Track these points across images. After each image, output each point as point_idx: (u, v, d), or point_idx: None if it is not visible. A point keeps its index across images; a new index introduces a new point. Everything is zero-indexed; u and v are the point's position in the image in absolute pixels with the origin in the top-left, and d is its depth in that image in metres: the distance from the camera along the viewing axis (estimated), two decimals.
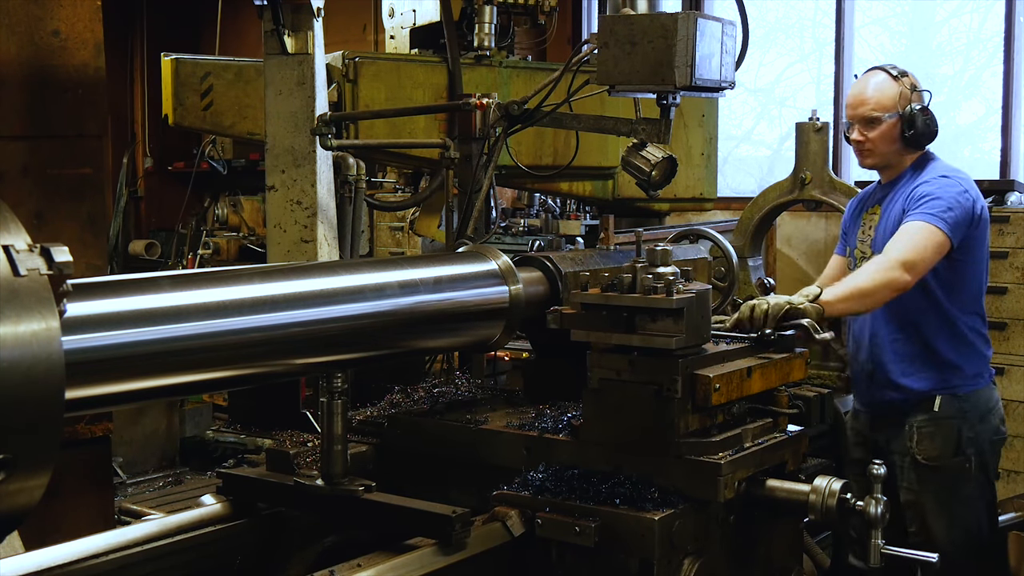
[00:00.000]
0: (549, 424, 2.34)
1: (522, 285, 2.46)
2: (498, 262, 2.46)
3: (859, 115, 3.54)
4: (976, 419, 3.44)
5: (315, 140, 4.34)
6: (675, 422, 2.12)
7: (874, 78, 3.55)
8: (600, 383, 2.19)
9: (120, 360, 1.71)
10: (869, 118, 3.51)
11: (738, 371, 2.22)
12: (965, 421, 3.43)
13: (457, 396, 2.67)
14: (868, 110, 3.51)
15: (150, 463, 6.82)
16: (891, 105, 3.49)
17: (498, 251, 2.51)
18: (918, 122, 3.46)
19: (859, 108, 3.54)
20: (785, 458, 2.33)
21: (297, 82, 4.47)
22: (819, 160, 4.91)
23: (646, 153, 2.98)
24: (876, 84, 3.53)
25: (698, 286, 2.21)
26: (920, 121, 3.46)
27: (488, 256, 2.49)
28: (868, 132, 3.52)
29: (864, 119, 3.52)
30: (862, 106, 3.53)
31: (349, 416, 2.40)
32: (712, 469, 2.10)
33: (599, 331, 2.18)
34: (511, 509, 2.13)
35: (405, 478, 2.43)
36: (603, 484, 2.11)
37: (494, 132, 3.37)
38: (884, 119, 3.49)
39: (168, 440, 6.93)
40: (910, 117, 3.46)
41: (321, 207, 4.48)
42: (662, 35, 2.67)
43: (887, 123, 3.49)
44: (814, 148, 4.91)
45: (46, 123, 3.48)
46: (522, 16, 5.80)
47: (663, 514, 2.03)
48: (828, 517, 2.18)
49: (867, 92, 3.53)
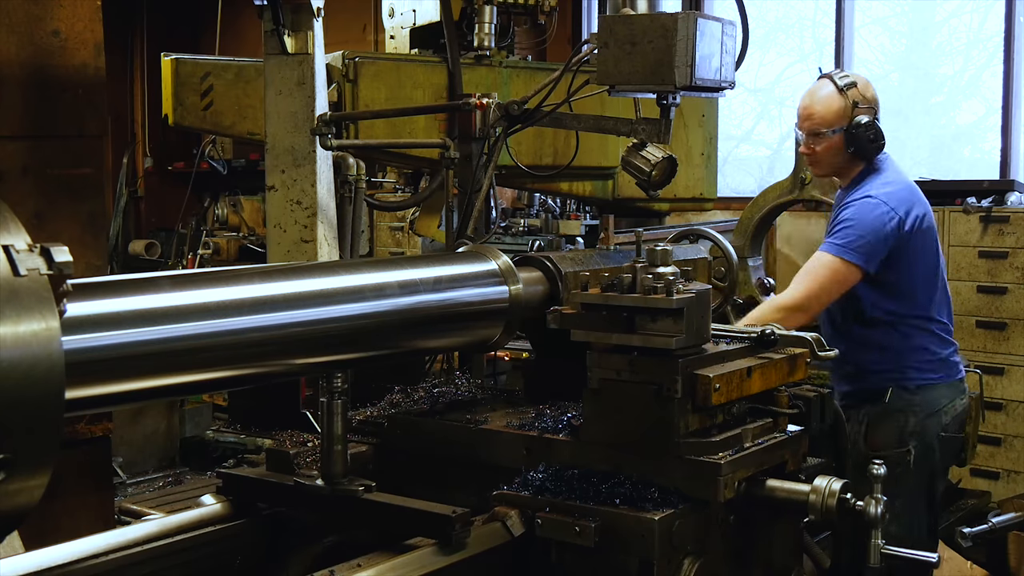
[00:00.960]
0: (549, 424, 2.34)
1: (522, 285, 2.45)
2: (498, 262, 2.46)
3: (805, 128, 3.64)
4: (924, 414, 3.52)
5: (315, 140, 4.33)
6: (675, 422, 2.11)
7: (821, 91, 3.62)
8: (600, 383, 2.18)
9: (120, 360, 1.71)
10: (814, 132, 3.60)
11: (738, 371, 2.22)
12: (912, 414, 3.52)
13: (457, 396, 2.67)
14: (813, 125, 3.60)
15: (150, 463, 6.83)
16: (834, 120, 3.56)
17: (498, 251, 2.50)
18: (860, 138, 3.53)
19: (805, 121, 3.64)
20: (785, 458, 2.33)
21: (297, 82, 4.47)
22: None
23: (646, 153, 2.97)
24: (821, 98, 3.60)
25: (698, 286, 2.20)
26: (862, 137, 3.53)
27: (488, 256, 2.49)
28: (814, 145, 3.62)
29: (810, 132, 3.62)
30: (807, 120, 3.63)
31: (349, 416, 2.40)
32: (712, 469, 2.10)
33: (599, 331, 2.17)
34: (511, 509, 2.13)
35: (405, 478, 2.43)
36: (603, 484, 2.11)
37: (494, 132, 3.37)
38: (827, 134, 3.58)
39: (168, 440, 6.93)
40: (853, 132, 3.54)
41: (321, 207, 4.48)
42: (662, 35, 2.66)
43: (830, 138, 3.58)
44: None
45: (46, 123, 3.48)
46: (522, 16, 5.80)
47: (663, 514, 2.03)
48: (828, 517, 2.17)
49: (813, 106, 3.61)
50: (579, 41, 9.60)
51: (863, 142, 3.55)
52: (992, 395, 5.94)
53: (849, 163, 3.63)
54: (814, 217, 7.78)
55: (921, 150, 7.91)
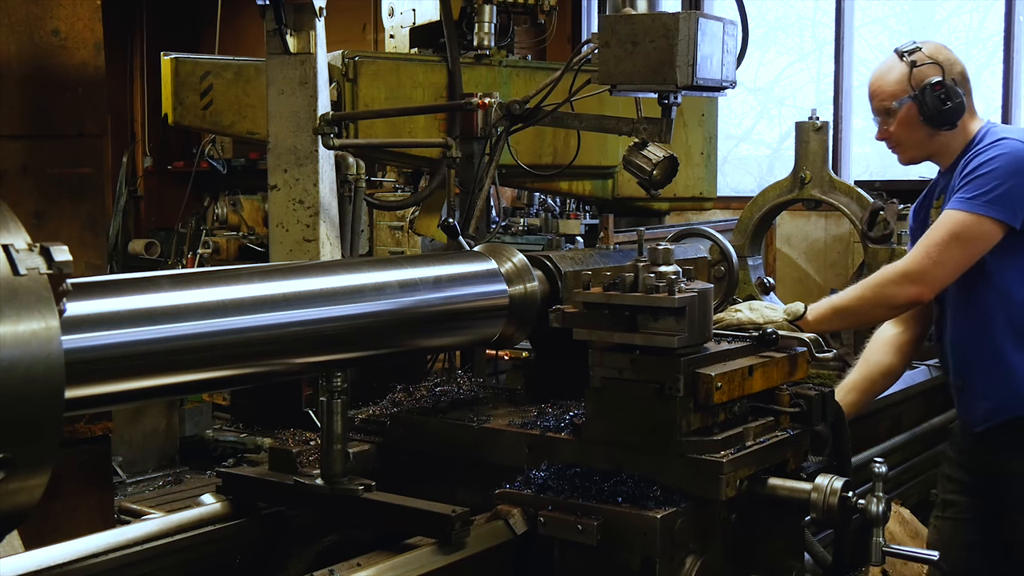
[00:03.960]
0: (551, 423, 2.34)
1: (538, 283, 2.48)
2: (514, 260, 2.48)
3: (875, 108, 3.21)
4: None
5: (317, 139, 4.35)
6: (677, 421, 2.11)
7: (883, 65, 3.21)
8: (602, 382, 2.18)
9: (120, 359, 1.70)
10: (883, 109, 3.16)
11: (740, 370, 2.21)
12: None
13: (459, 395, 2.66)
14: (879, 102, 3.17)
15: (150, 462, 6.83)
16: (898, 89, 3.11)
17: (514, 249, 2.51)
18: (929, 100, 3.03)
19: (872, 101, 3.21)
20: (787, 456, 2.32)
21: (299, 81, 4.49)
22: (819, 159, 4.90)
23: (647, 152, 2.98)
24: (882, 72, 3.19)
25: (700, 285, 2.20)
26: (931, 98, 3.03)
27: (489, 256, 2.50)
28: (887, 125, 3.16)
29: (880, 111, 3.19)
30: (874, 98, 3.20)
31: (351, 415, 2.42)
32: (714, 467, 2.10)
33: (601, 330, 2.17)
34: (513, 507, 2.13)
35: (408, 477, 2.43)
36: (605, 483, 2.11)
37: (495, 131, 3.36)
38: (895, 107, 3.11)
39: (168, 439, 6.93)
40: (922, 98, 3.04)
41: (323, 206, 4.51)
42: (664, 35, 2.67)
43: (900, 110, 3.10)
44: (814, 147, 4.90)
45: (46, 122, 3.48)
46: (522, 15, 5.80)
47: (665, 512, 2.03)
48: (830, 515, 2.17)
49: (874, 81, 3.20)
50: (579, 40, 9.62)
51: (933, 104, 3.03)
52: None
53: (933, 136, 3.10)
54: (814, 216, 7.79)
55: None
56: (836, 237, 7.82)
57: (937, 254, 2.90)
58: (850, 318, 3.07)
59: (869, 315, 3.08)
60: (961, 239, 2.90)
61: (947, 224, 2.92)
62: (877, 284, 2.97)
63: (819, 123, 4.93)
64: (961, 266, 2.93)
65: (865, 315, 3.06)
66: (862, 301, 2.97)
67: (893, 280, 2.94)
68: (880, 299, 2.96)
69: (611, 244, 5.42)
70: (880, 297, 2.96)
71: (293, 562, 2.30)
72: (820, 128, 4.93)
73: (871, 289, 2.97)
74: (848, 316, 3.01)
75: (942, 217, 2.96)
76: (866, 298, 2.97)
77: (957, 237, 2.90)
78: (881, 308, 3.01)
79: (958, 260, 2.92)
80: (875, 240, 4.32)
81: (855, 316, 3.05)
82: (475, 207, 3.37)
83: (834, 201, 4.83)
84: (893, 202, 4.43)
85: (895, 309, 3.04)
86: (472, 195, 3.41)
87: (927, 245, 2.93)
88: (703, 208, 7.02)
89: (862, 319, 3.15)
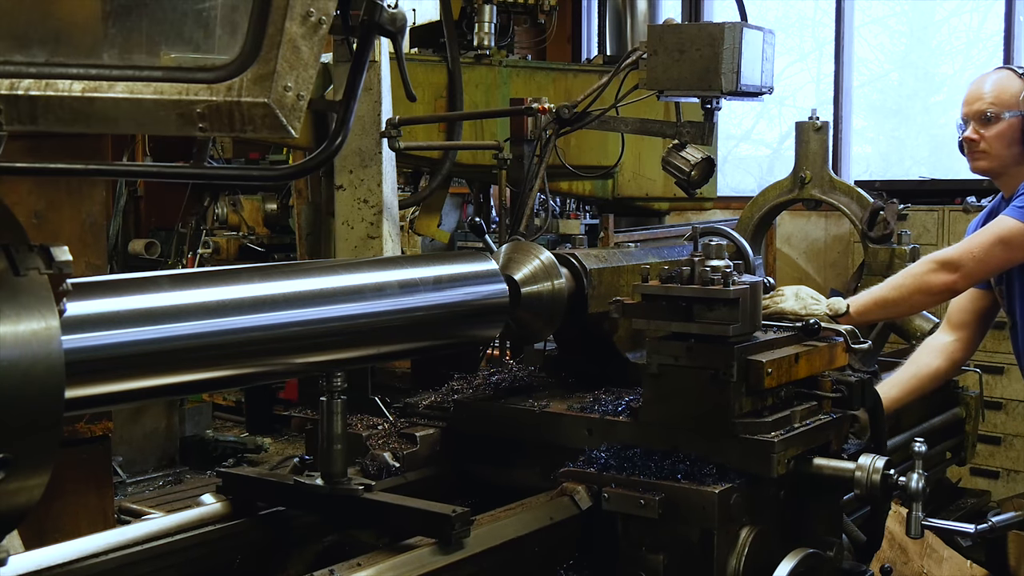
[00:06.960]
0: (608, 407, 2.49)
1: (564, 280, 2.60)
2: (541, 258, 2.59)
3: (975, 111, 3.25)
4: None
5: (381, 142, 4.58)
6: (731, 404, 2.26)
7: (996, 74, 3.28)
8: (659, 368, 2.33)
9: (120, 359, 1.71)
10: (986, 114, 3.22)
11: (787, 357, 2.37)
12: None
13: (516, 383, 2.80)
14: (985, 105, 3.23)
15: (150, 462, 6.84)
16: (1011, 101, 3.19)
17: (541, 247, 2.63)
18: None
19: (975, 104, 3.26)
20: (830, 438, 2.46)
21: (365, 87, 4.59)
22: (819, 159, 4.90)
23: (686, 154, 3.18)
24: (997, 79, 3.25)
25: (750, 278, 2.36)
26: None
27: (488, 256, 2.54)
28: (984, 130, 3.23)
29: (980, 115, 3.24)
30: (978, 101, 3.25)
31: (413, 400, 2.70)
32: (766, 447, 2.23)
33: (659, 320, 2.33)
34: (578, 484, 2.29)
35: (470, 458, 2.61)
36: (664, 461, 2.26)
37: (544, 135, 3.51)
38: (1003, 117, 3.20)
39: (168, 439, 6.94)
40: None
41: (386, 205, 4.74)
42: (709, 44, 2.88)
43: (1006, 122, 3.20)
44: (814, 147, 4.90)
45: None
46: (522, 15, 5.81)
47: (722, 488, 2.17)
48: (872, 492, 2.31)
49: (985, 87, 3.25)
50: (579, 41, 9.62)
51: None
52: (992, 394, 5.95)
53: (1018, 161, 3.23)
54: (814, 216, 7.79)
55: (921, 149, 7.90)
56: (836, 237, 7.82)
57: (980, 251, 3.05)
58: (891, 307, 3.16)
59: (909, 302, 3.16)
60: (1005, 242, 3.04)
61: (997, 227, 3.06)
62: (918, 271, 3.11)
63: (819, 123, 4.93)
64: (1000, 267, 3.11)
65: (906, 302, 3.15)
66: (902, 289, 3.09)
67: (932, 267, 3.06)
68: (919, 285, 3.08)
69: (611, 244, 5.42)
70: (919, 283, 3.08)
71: (293, 562, 2.30)
72: (820, 128, 4.93)
73: (912, 276, 3.10)
74: (890, 306, 3.12)
75: (995, 220, 3.10)
76: (906, 285, 3.09)
77: (1003, 240, 3.04)
78: (920, 294, 3.11)
79: (999, 261, 3.08)
80: (875, 240, 4.32)
81: (897, 305, 3.14)
82: (525, 206, 3.53)
83: (834, 201, 4.83)
84: (893, 202, 4.43)
85: (932, 296, 3.14)
86: (523, 194, 3.57)
87: (973, 241, 3.08)
88: (703, 208, 7.03)
89: (904, 307, 3.22)
